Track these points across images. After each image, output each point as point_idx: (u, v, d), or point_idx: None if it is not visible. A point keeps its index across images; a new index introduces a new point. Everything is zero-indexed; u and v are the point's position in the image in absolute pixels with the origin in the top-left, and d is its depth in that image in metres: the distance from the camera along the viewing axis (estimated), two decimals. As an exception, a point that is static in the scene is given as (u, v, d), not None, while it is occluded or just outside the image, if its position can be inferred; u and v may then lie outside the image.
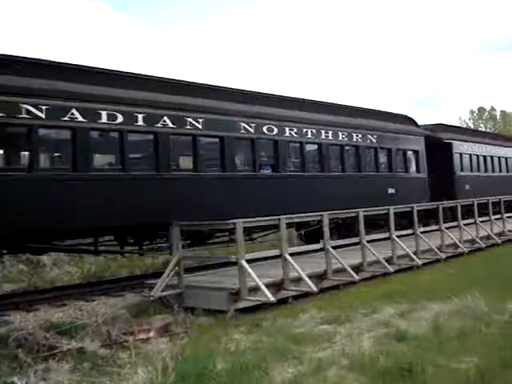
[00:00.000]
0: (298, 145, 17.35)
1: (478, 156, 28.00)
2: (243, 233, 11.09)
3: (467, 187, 25.21)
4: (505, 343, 7.22)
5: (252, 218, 12.23)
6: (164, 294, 11.64)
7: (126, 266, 17.94)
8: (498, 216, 22.33)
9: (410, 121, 24.19)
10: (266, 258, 12.67)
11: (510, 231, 21.93)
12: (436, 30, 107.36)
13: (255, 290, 10.84)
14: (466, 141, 27.42)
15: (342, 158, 18.98)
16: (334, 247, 13.61)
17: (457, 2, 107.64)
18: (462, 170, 26.15)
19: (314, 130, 17.82)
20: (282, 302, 11.57)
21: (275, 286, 11.59)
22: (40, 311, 11.24)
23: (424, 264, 15.50)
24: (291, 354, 7.24)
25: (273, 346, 7.83)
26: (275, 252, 12.01)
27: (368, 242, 14.35)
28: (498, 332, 7.71)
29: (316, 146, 18.15)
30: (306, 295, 11.78)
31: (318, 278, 12.64)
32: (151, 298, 11.57)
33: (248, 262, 11.29)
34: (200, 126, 14.23)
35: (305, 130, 17.51)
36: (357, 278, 12.60)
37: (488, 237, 20.24)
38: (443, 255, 16.34)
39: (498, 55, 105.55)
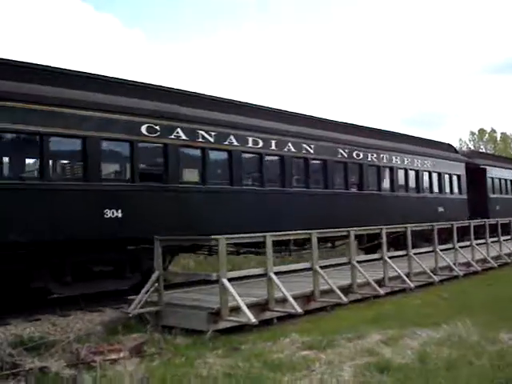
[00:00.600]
0: (375, 168, 20.88)
1: (506, 180, 31.51)
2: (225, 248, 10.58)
3: (498, 208, 28.11)
4: (496, 377, 6.72)
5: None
6: (142, 311, 11.13)
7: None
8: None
9: (453, 148, 28.62)
10: (252, 277, 12.19)
11: (506, 254, 21.45)
12: (438, 51, 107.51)
13: (237, 310, 10.31)
14: (497, 166, 30.83)
15: (406, 180, 22.53)
16: (324, 267, 13.15)
17: (459, 23, 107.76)
18: (493, 192, 29.35)
19: (387, 156, 21.48)
20: (267, 323, 11.09)
21: (259, 306, 11.08)
22: (11, 325, 10.73)
23: (417, 287, 14.99)
24: (265, 383, 6.73)
25: (248, 373, 7.31)
26: (260, 270, 11.50)
27: (360, 262, 13.88)
28: (488, 364, 7.17)
29: (388, 170, 21.62)
30: (293, 316, 11.26)
31: (305, 298, 12.12)
32: (129, 315, 11.07)
33: (232, 280, 10.85)
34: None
35: (381, 155, 21.15)
36: (345, 300, 12.07)
37: (484, 260, 19.74)
38: (437, 278, 15.81)
39: (499, 77, 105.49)
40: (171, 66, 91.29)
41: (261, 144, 16.15)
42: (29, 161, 12.47)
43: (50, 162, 12.20)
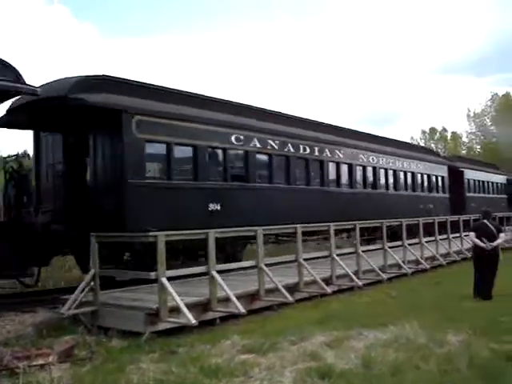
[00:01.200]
0: (383, 171, 24.81)
1: (480, 181, 36.16)
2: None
3: (473, 205, 31.34)
4: (443, 382, 6.39)
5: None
6: (76, 311, 10.49)
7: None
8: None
9: (437, 153, 35.95)
10: (193, 275, 11.68)
11: (455, 252, 21.43)
12: (390, 51, 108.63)
13: (178, 310, 9.76)
14: (472, 169, 35.41)
15: (405, 181, 26.64)
16: (271, 265, 12.73)
17: (411, 25, 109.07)
18: (469, 191, 33.79)
19: (393, 160, 25.65)
20: (210, 323, 10.59)
21: (201, 306, 10.57)
22: None
23: (365, 285, 14.69)
24: (199, 390, 6.25)
25: (182, 380, 6.82)
26: (202, 269, 10.98)
27: (308, 260, 13.51)
28: (436, 368, 6.83)
29: (392, 172, 25.48)
30: (237, 317, 10.78)
31: (250, 297, 11.66)
32: (63, 316, 10.43)
33: (173, 279, 10.34)
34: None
35: (383, 159, 24.74)
36: (291, 299, 11.65)
37: (433, 258, 19.66)
38: (385, 276, 15.55)
39: (451, 77, 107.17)
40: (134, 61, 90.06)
41: (308, 151, 19.49)
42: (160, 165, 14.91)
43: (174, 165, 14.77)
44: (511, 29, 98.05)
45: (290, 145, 18.55)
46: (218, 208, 15.33)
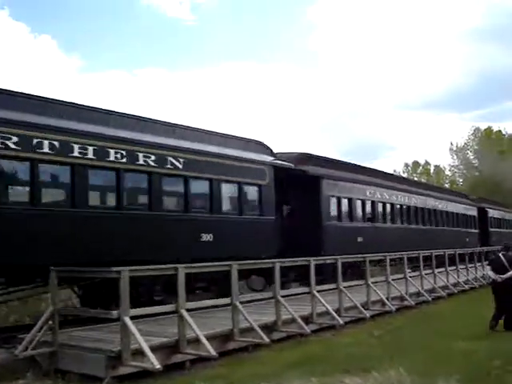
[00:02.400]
0: (431, 211, 31.71)
1: (501, 219, 44.60)
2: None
3: (494, 239, 38.40)
4: None
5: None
6: (32, 352, 9.58)
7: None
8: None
9: (466, 196, 41.98)
10: (159, 314, 10.85)
11: (440, 287, 20.73)
12: (373, 85, 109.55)
13: (142, 353, 8.90)
14: (493, 209, 42.80)
15: (452, 219, 34.61)
16: (246, 302, 11.95)
17: (395, 63, 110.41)
18: (492, 227, 41.01)
19: (444, 203, 33.65)
20: (180, 366, 9.74)
21: (170, 348, 9.73)
22: None
23: (347, 323, 13.89)
24: None
25: None
26: (170, 308, 10.15)
27: (285, 296, 12.73)
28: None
29: (445, 213, 33.44)
30: (208, 359, 9.92)
31: (224, 338, 10.82)
32: (18, 357, 9.52)
33: (136, 318, 9.52)
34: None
35: (440, 203, 33.02)
36: (267, 340, 10.81)
37: (418, 293, 18.93)
38: (368, 314, 14.75)
39: (434, 112, 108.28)
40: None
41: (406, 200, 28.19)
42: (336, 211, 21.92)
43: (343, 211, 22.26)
44: (485, 68, 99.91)
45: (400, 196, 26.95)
46: (362, 240, 22.10)
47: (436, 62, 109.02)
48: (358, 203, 22.98)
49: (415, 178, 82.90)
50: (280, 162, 18.32)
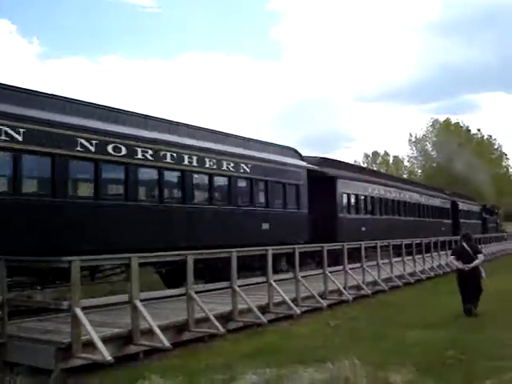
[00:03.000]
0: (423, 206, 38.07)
1: (466, 211, 49.49)
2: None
3: (464, 228, 40.12)
4: None
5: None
6: (-21, 345, 9.30)
7: None
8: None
9: (442, 191, 46.60)
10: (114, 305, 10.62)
11: (397, 276, 20.87)
12: (335, 74, 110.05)
13: (94, 344, 8.67)
14: (463, 202, 48.79)
15: (432, 212, 39.68)
16: (201, 292, 11.79)
17: (356, 55, 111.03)
18: (461, 218, 46.32)
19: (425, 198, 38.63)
20: (134, 358, 9.54)
21: (123, 339, 9.51)
22: None
23: (304, 312, 13.86)
24: None
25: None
26: (124, 298, 9.93)
27: (242, 286, 12.61)
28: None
29: (429, 206, 39.05)
30: (163, 350, 9.73)
31: (179, 328, 10.65)
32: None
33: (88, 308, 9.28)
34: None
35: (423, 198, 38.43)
36: (222, 330, 10.67)
37: (375, 283, 19.02)
38: (325, 303, 14.75)
39: (394, 104, 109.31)
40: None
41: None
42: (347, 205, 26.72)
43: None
44: (444, 61, 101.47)
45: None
46: (364, 229, 26.92)
47: (396, 54, 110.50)
48: (362, 198, 27.89)
49: (374, 168, 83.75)
50: (310, 165, 22.94)
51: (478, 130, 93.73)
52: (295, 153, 22.78)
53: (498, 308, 14.09)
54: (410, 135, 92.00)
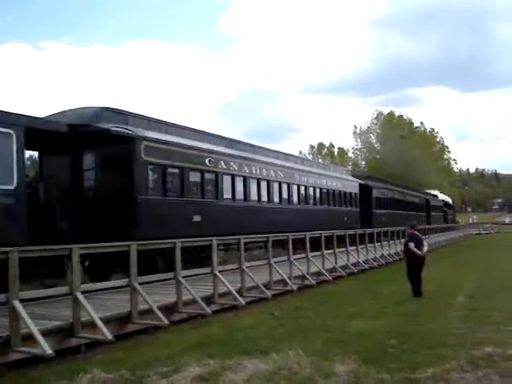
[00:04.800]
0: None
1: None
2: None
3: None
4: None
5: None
6: None
7: None
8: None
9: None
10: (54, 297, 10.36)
11: (341, 267, 21.10)
12: (283, 71, 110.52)
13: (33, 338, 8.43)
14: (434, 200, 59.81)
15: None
16: (146, 283, 11.63)
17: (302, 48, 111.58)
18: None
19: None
20: (75, 350, 9.33)
21: (64, 332, 9.28)
22: None
23: (249, 303, 13.84)
24: None
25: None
26: (64, 290, 9.69)
27: (187, 277, 12.51)
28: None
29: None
30: (105, 343, 9.55)
31: (121, 321, 10.47)
32: None
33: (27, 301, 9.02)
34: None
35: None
36: (166, 322, 10.54)
37: (319, 273, 19.17)
38: (270, 293, 14.77)
39: (339, 96, 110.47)
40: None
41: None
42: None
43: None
44: (390, 55, 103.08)
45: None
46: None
47: (342, 47, 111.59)
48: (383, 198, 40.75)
49: (320, 160, 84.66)
50: (359, 180, 36.94)
51: (421, 122, 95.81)
52: (349, 171, 41.48)
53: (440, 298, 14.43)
54: (355, 127, 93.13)
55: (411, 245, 15.48)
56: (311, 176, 28.60)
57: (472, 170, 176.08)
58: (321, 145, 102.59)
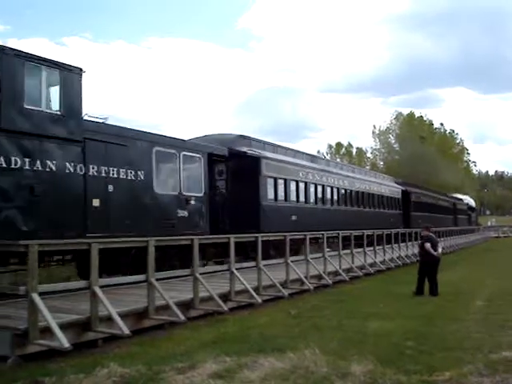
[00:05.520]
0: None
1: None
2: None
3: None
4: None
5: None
6: None
7: None
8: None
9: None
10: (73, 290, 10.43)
11: (358, 267, 21.03)
12: (304, 70, 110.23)
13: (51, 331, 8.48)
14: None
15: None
16: (163, 279, 11.67)
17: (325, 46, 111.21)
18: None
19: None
20: (92, 345, 9.38)
21: (81, 326, 9.34)
22: None
23: (266, 301, 13.85)
24: None
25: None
26: (83, 284, 9.75)
27: (204, 274, 12.54)
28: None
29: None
30: (122, 338, 9.58)
31: (138, 316, 10.52)
32: None
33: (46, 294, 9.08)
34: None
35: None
36: (182, 318, 10.57)
37: (336, 273, 19.12)
38: (287, 292, 14.76)
39: (360, 96, 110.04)
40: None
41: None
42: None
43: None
44: (411, 56, 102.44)
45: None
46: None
47: (363, 47, 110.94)
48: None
49: (338, 159, 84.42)
50: (401, 186, 40.94)
51: (441, 124, 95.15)
52: (392, 178, 44.22)
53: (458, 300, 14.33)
54: (374, 127, 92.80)
55: (427, 245, 15.90)
56: (366, 183, 33.78)
57: (491, 173, 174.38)
58: (339, 144, 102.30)
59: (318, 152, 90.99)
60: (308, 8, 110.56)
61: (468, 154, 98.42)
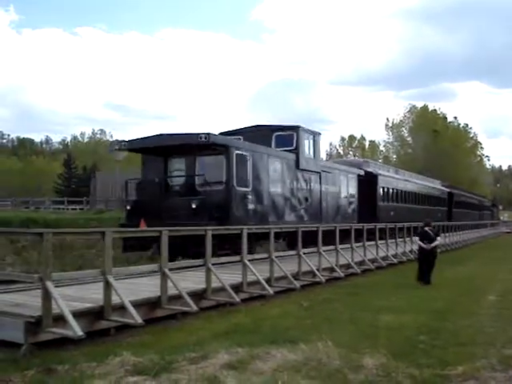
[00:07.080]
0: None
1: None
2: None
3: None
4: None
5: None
6: None
7: None
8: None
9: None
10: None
11: (369, 260, 20.98)
12: (318, 63, 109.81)
13: (64, 319, 8.52)
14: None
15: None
16: (177, 269, 11.70)
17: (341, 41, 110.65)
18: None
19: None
20: (105, 333, 9.43)
21: (94, 315, 9.39)
22: None
23: (277, 293, 13.86)
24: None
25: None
26: (96, 273, 9.79)
27: (216, 264, 12.55)
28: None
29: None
30: (134, 327, 9.63)
31: (151, 305, 10.55)
32: None
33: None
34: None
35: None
36: (195, 308, 10.57)
37: (348, 265, 19.09)
38: (298, 284, 14.75)
39: (373, 89, 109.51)
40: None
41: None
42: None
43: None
44: (424, 49, 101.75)
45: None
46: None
47: (376, 39, 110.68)
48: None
49: (350, 152, 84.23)
50: (445, 188, 52.23)
51: (455, 117, 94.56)
52: (437, 180, 53.49)
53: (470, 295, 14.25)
54: (387, 120, 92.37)
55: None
56: (425, 187, 45.96)
57: (504, 167, 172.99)
58: (352, 137, 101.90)
59: (330, 144, 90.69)
60: (320, 1, 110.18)
61: (482, 148, 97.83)
